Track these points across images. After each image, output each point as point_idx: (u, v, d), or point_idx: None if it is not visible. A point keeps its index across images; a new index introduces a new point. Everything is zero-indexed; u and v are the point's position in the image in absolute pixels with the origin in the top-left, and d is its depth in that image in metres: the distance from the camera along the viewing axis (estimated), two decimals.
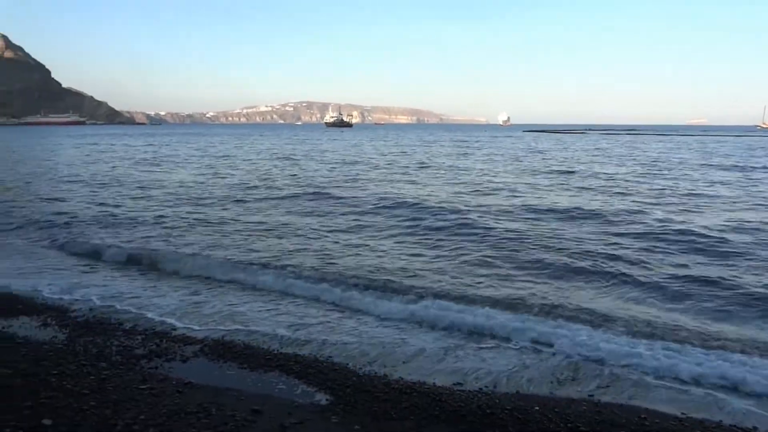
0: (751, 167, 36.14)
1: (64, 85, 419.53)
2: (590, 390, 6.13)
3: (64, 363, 6.08)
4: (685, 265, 11.29)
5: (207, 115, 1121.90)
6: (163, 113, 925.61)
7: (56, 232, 15.20)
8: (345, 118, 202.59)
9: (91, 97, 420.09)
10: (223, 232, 14.94)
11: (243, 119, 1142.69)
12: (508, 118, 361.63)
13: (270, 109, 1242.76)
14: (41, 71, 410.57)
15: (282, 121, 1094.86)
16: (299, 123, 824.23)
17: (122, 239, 14.11)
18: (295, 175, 30.70)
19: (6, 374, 5.62)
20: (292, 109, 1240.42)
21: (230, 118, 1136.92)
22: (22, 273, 10.92)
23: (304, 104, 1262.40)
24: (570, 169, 33.55)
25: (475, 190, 23.76)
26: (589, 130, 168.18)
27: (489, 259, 11.80)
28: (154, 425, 4.72)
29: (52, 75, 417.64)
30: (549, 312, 8.56)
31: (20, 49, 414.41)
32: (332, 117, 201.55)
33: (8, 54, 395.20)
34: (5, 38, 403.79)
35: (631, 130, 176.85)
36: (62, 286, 9.80)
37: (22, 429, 4.49)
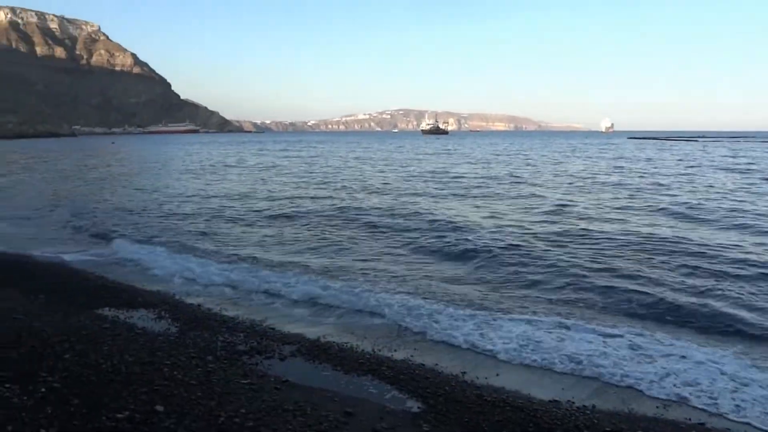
0: None
1: (182, 96, 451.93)
2: None
3: (175, 354, 6.57)
4: None
5: (308, 124, 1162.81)
6: (268, 122, 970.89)
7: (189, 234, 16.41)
8: (441, 126, 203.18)
9: (205, 107, 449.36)
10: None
11: (342, 127, 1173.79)
12: (612, 125, 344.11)
13: (368, 117, 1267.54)
14: (163, 85, 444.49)
15: (379, 129, 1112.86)
16: (395, 130, 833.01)
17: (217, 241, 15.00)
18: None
19: (128, 362, 6.16)
20: (389, 116, 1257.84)
21: (330, 126, 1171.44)
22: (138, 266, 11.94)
23: (401, 112, 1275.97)
24: None
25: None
26: (701, 137, 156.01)
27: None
28: (253, 419, 4.98)
29: (172, 88, 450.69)
30: None
31: (146, 65, 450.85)
32: (428, 124, 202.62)
33: (136, 70, 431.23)
34: (134, 56, 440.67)
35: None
36: (175, 283, 10.63)
37: (138, 412, 4.91)
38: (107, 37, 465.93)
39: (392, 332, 8.24)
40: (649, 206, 20.83)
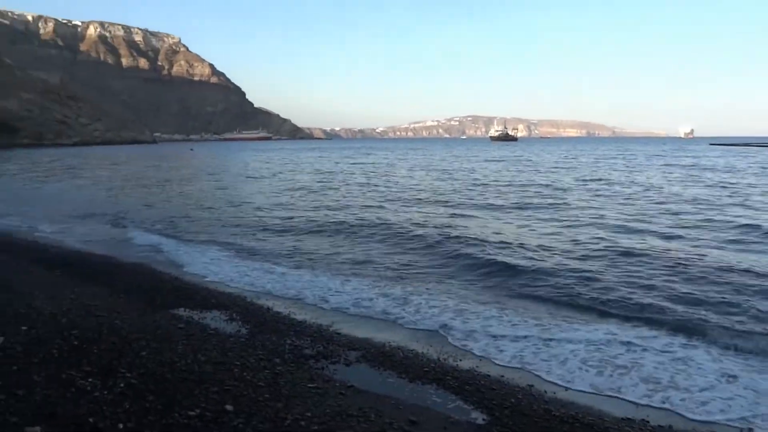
0: None
1: (256, 105, 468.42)
2: None
3: (245, 356, 6.74)
4: None
5: (377, 130, 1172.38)
6: (337, 129, 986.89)
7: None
8: (510, 132, 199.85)
9: (278, 115, 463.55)
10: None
11: (410, 134, 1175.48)
12: (692, 130, 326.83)
13: (436, 123, 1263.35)
14: (238, 94, 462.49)
15: (447, 135, 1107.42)
16: (464, 137, 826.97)
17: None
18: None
19: (201, 361, 6.38)
20: (457, 123, 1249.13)
21: (398, 133, 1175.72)
22: (208, 269, 12.37)
23: (470, 118, 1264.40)
24: None
25: None
26: None
27: None
28: (318, 423, 5.02)
29: (247, 97, 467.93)
30: None
31: (222, 74, 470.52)
32: (497, 131, 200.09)
33: (214, 79, 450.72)
34: (212, 66, 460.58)
35: None
36: (242, 286, 10.94)
37: (209, 411, 5.05)
38: (187, 49, 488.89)
39: (458, 341, 8.15)
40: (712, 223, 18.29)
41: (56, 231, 17.88)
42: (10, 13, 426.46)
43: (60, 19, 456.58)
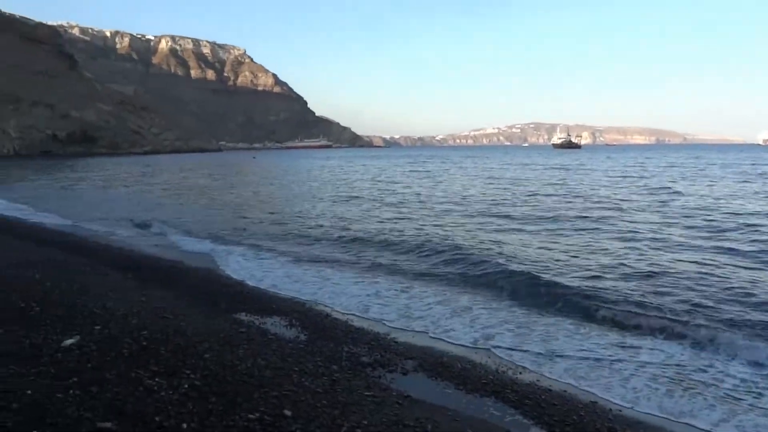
0: None
1: (317, 113, 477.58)
2: None
3: (303, 362, 6.84)
4: None
5: (436, 138, 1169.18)
6: (397, 137, 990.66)
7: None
8: (573, 139, 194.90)
9: (338, 123, 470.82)
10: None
11: (470, 141, 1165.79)
12: None
13: (496, 131, 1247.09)
14: (300, 102, 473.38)
15: (508, 143, 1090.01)
16: (525, 144, 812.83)
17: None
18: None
19: (261, 365, 6.52)
20: (518, 130, 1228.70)
21: (458, 141, 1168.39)
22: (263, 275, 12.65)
23: (532, 125, 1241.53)
24: None
25: None
26: None
27: None
28: None
29: (308, 105, 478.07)
30: None
31: (285, 84, 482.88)
32: (559, 138, 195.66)
33: (277, 89, 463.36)
34: (275, 76, 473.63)
35: None
36: (300, 293, 11.12)
37: (268, 415, 5.15)
38: (251, 60, 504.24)
39: (520, 350, 8.01)
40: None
41: (128, 236, 18.73)
42: (90, 30, 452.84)
43: (135, 34, 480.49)
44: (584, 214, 22.86)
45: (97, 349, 6.49)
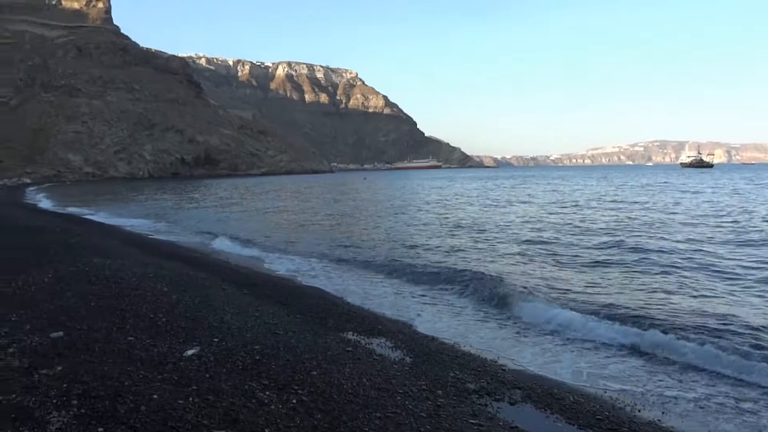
0: None
1: (426, 134, 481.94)
2: None
3: (408, 384, 6.82)
4: None
5: (551, 158, 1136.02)
6: (508, 156, 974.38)
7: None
8: (705, 158, 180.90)
9: (447, 143, 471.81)
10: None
11: (588, 161, 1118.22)
12: None
13: (617, 149, 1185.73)
14: (409, 123, 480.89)
15: (630, 162, 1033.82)
16: (649, 164, 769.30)
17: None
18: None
19: (366, 385, 6.59)
20: (642, 149, 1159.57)
21: (574, 160, 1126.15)
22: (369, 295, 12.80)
23: (656, 143, 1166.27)
24: None
25: None
26: None
27: None
28: None
29: (418, 126, 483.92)
30: None
31: (395, 105, 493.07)
32: (689, 156, 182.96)
33: (387, 110, 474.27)
34: (385, 98, 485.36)
35: None
36: (406, 315, 11.14)
37: None
38: (363, 83, 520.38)
39: (639, 386, 7.50)
40: None
41: (243, 254, 19.83)
42: (215, 60, 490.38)
43: (255, 62, 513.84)
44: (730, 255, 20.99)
45: (215, 360, 6.88)
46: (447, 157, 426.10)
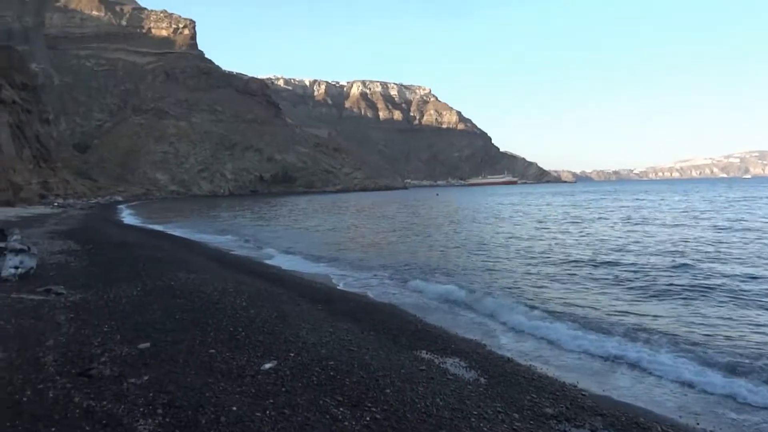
0: None
1: (501, 149, 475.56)
2: None
3: (482, 406, 6.67)
4: None
5: (634, 171, 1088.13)
6: (588, 171, 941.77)
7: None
8: None
9: (523, 158, 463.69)
10: None
11: (675, 174, 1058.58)
12: None
13: (709, 161, 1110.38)
14: (484, 138, 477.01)
15: (724, 175, 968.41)
16: (747, 176, 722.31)
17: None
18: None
19: (439, 405, 6.51)
20: (737, 160, 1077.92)
21: (660, 174, 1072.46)
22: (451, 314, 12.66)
23: (755, 154, 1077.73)
24: None
25: None
26: None
27: None
28: None
29: (492, 141, 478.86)
30: None
31: (469, 121, 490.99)
32: None
33: (460, 126, 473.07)
34: (459, 114, 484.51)
35: None
36: (478, 335, 10.94)
37: None
38: (436, 99, 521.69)
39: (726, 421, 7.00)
40: None
41: (318, 272, 20.20)
42: (292, 80, 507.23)
43: (330, 82, 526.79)
44: None
45: (291, 374, 7.02)
46: (523, 172, 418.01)
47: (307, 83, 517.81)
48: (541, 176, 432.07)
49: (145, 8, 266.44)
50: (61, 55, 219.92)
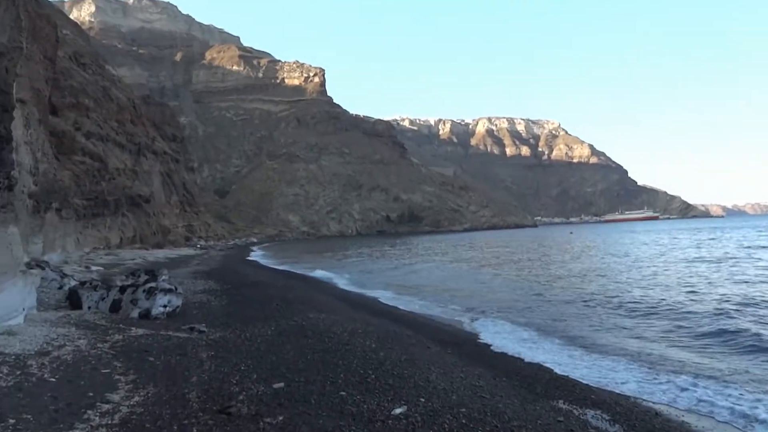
0: None
1: (639, 183, 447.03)
2: None
3: None
4: None
5: None
6: (741, 204, 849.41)
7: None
8: None
9: (665, 192, 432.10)
10: None
11: None
12: None
13: None
14: (619, 172, 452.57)
15: None
16: None
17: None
18: None
19: None
20: None
21: None
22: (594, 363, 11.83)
23: None
24: None
25: None
26: None
27: None
28: None
29: (629, 174, 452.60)
30: None
31: (602, 154, 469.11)
32: None
33: (593, 159, 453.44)
34: (591, 147, 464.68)
35: None
36: (616, 387, 10.09)
37: None
38: (566, 132, 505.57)
39: None
40: None
41: (448, 315, 19.95)
42: (417, 120, 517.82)
43: (455, 120, 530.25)
44: None
45: (422, 421, 6.89)
46: (665, 206, 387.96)
47: (432, 122, 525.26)
48: (686, 211, 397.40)
49: (279, 60, 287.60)
50: (205, 108, 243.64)
